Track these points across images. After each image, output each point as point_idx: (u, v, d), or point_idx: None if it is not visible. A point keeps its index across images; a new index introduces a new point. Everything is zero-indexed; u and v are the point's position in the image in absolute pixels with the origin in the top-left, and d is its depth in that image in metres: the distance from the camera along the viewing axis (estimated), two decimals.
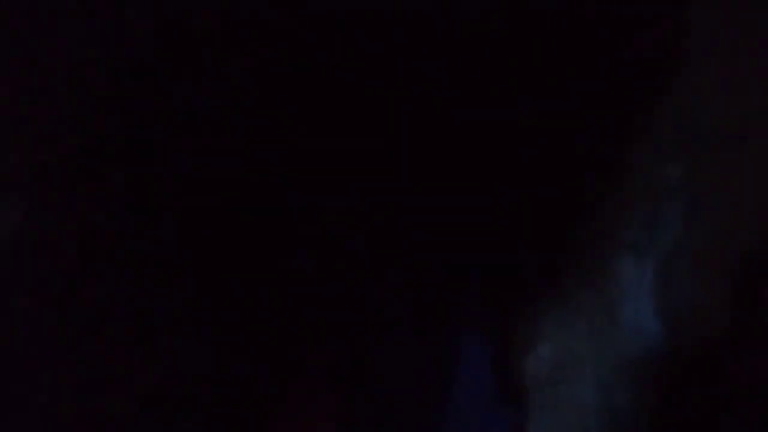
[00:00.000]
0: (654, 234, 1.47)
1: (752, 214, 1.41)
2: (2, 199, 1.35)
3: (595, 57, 1.47)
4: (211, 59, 1.37)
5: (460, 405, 1.45)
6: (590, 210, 1.50)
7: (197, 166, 1.36)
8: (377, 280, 1.45)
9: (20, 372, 1.32)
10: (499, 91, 1.44)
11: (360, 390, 1.43)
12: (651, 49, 1.46)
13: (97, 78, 1.35)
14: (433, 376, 1.47)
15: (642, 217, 1.47)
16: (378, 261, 1.44)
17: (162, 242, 1.34)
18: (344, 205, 1.39)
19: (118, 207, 1.35)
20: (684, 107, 1.46)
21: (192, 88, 1.37)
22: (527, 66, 1.45)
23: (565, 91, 1.47)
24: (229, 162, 1.39)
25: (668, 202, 1.46)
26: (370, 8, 1.35)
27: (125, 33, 1.36)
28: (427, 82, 1.37)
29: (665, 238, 1.46)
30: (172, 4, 1.35)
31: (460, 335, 1.49)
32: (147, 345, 1.34)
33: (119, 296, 1.32)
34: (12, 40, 1.35)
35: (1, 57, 1.36)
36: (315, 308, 1.39)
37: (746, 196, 1.41)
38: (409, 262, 1.45)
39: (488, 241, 1.50)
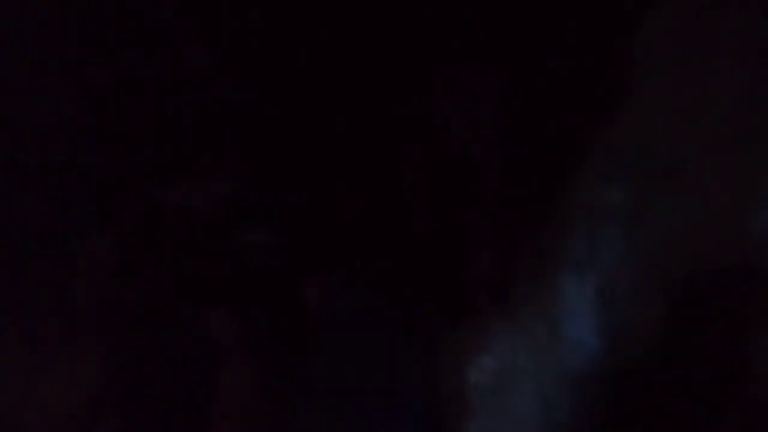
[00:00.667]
0: (595, 253, 1.52)
1: (687, 235, 1.45)
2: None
3: (542, 84, 1.57)
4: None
5: (398, 414, 1.52)
6: (535, 228, 1.57)
7: None
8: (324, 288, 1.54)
9: None
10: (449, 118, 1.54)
11: (301, 395, 1.52)
12: (596, 78, 1.55)
13: None
14: (373, 384, 1.54)
15: (584, 236, 1.53)
16: (324, 271, 1.53)
17: None
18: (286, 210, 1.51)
19: None
20: (624, 134, 1.53)
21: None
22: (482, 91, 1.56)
23: (511, 117, 1.56)
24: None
25: (609, 223, 1.52)
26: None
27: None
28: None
29: (605, 257, 1.51)
30: None
31: (403, 344, 1.56)
32: None
33: None
34: None
35: None
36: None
37: (681, 219, 1.46)
38: (355, 275, 1.54)
39: (435, 255, 1.58)
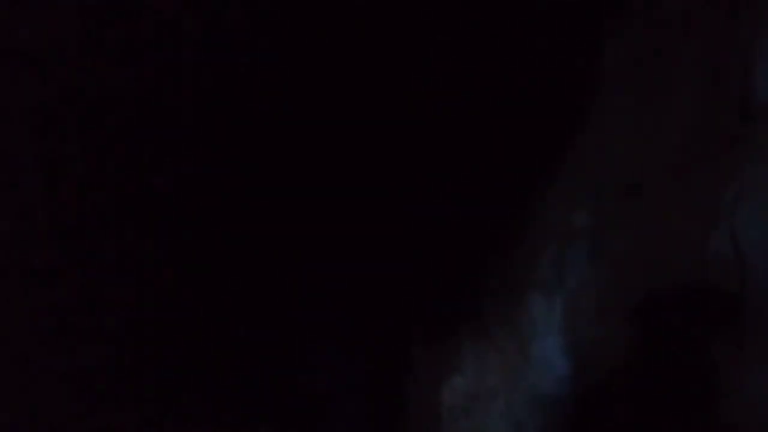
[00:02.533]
0: (562, 274, 1.56)
1: (649, 256, 1.48)
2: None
3: (510, 110, 1.64)
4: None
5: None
6: (505, 250, 1.62)
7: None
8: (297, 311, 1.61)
9: None
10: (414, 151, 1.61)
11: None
12: (561, 104, 1.61)
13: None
14: (344, 403, 1.58)
15: (551, 258, 1.57)
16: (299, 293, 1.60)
17: None
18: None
19: None
20: (589, 159, 1.58)
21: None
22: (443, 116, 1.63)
23: (480, 142, 1.63)
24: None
25: (574, 245, 1.56)
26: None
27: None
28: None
29: (572, 278, 1.55)
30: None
31: (376, 364, 1.61)
32: None
33: None
34: None
35: None
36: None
37: (644, 241, 1.49)
38: (329, 297, 1.61)
39: (408, 278, 1.63)
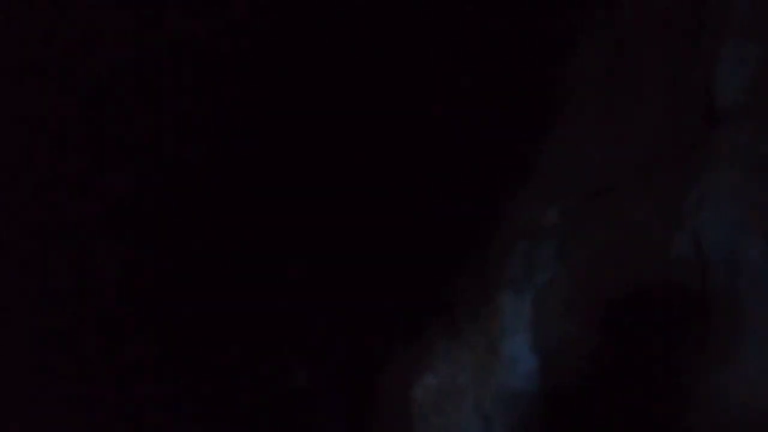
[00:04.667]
0: (531, 272, 1.59)
1: (615, 256, 1.52)
2: None
3: (483, 112, 1.67)
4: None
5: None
6: (475, 249, 1.64)
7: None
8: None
9: None
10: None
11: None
12: (531, 106, 1.65)
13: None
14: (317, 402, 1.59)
15: (521, 256, 1.61)
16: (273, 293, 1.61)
17: None
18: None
19: None
20: (558, 161, 1.62)
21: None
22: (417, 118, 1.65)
23: (452, 143, 1.66)
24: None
25: (544, 244, 1.59)
26: None
27: None
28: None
29: (541, 277, 1.58)
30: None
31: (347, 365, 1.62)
32: None
33: None
34: None
35: None
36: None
37: (610, 241, 1.53)
38: (303, 295, 1.62)
39: (380, 277, 1.65)
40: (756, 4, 1.46)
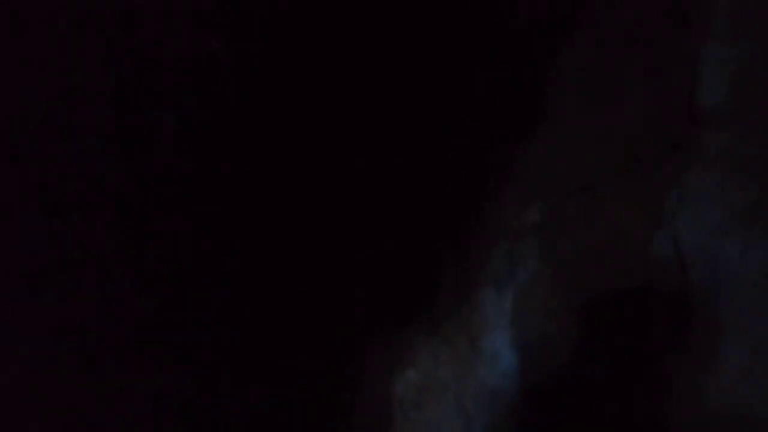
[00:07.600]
0: (512, 270, 1.60)
1: (596, 255, 1.54)
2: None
3: (467, 110, 1.66)
4: None
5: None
6: (457, 246, 1.65)
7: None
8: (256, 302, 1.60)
9: None
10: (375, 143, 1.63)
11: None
12: (514, 105, 1.65)
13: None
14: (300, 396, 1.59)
15: (502, 254, 1.61)
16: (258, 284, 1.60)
17: None
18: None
19: None
20: (542, 158, 1.63)
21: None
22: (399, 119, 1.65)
23: (435, 141, 1.66)
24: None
25: (525, 242, 1.60)
26: None
27: None
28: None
29: (522, 275, 1.59)
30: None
31: (329, 359, 1.62)
32: None
33: None
34: None
35: None
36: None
37: (591, 240, 1.54)
38: (283, 291, 1.61)
39: (361, 273, 1.65)
40: (737, 5, 1.48)
